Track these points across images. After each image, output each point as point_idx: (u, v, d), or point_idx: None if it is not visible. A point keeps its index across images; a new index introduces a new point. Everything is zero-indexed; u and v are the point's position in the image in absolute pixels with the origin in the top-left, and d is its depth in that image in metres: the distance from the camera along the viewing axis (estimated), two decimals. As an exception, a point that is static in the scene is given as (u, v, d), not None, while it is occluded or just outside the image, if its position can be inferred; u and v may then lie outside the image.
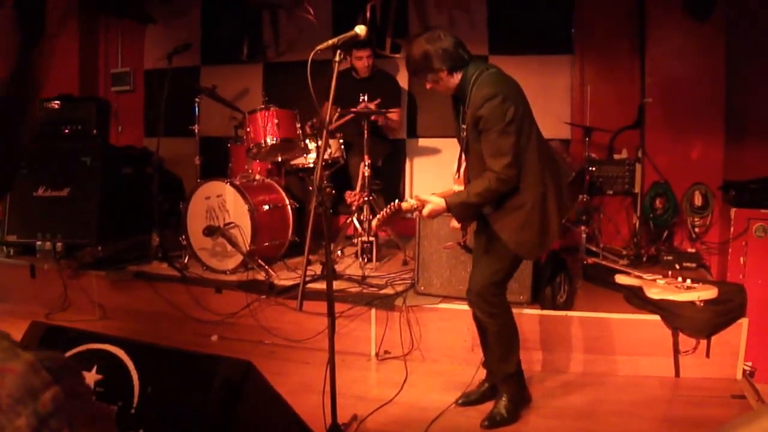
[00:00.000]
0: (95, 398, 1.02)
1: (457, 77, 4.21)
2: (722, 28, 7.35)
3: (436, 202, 4.18)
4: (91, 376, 2.18)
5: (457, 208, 4.20)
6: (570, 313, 5.49)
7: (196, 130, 7.30)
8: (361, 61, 7.62)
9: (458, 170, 4.54)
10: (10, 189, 1.08)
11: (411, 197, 4.25)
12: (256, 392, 2.14)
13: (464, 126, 4.26)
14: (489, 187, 4.07)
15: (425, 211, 4.19)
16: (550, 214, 4.29)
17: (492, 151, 4.06)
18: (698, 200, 7.37)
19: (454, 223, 4.36)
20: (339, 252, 7.16)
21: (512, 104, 4.06)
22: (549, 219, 4.29)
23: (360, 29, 3.88)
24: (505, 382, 4.59)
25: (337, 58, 3.92)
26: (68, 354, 2.26)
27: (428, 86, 4.32)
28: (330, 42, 3.87)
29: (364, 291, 6.02)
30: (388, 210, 4.15)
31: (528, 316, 5.45)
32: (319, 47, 3.81)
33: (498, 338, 4.53)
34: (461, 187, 4.44)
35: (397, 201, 4.18)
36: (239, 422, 2.00)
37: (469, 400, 4.83)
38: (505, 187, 4.11)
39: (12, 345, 0.94)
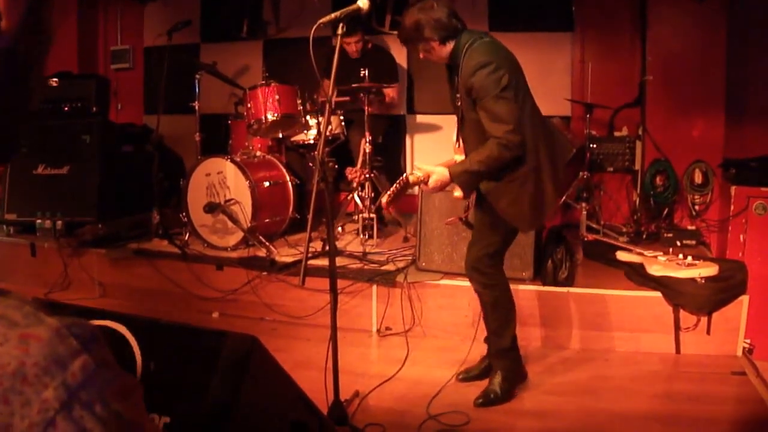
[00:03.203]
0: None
1: (450, 47, 4.18)
2: (723, 7, 7.32)
3: (440, 173, 4.12)
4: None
5: (460, 177, 4.13)
6: (571, 290, 5.50)
7: (197, 107, 7.28)
8: (350, 47, 7.53)
9: (458, 140, 4.50)
10: (17, 147, 1.05)
11: (414, 168, 4.20)
12: (261, 368, 2.13)
13: (459, 95, 4.22)
14: (491, 154, 4.01)
15: (430, 183, 4.13)
16: (545, 187, 4.27)
17: (490, 117, 4.01)
18: (698, 178, 7.36)
19: (457, 193, 4.32)
20: (340, 229, 7.15)
21: (506, 71, 4.01)
22: (544, 192, 4.28)
23: (362, 3, 3.86)
24: (499, 358, 4.60)
25: (339, 32, 3.90)
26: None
27: (421, 56, 4.30)
28: (333, 15, 3.84)
29: (366, 267, 6.02)
30: (397, 186, 4.12)
31: (529, 292, 5.46)
32: (321, 21, 3.78)
33: (493, 310, 4.54)
34: (461, 157, 4.42)
35: (405, 175, 4.14)
36: (244, 398, 1.99)
37: (469, 375, 4.83)
38: (509, 153, 4.04)
39: (35, 310, 0.90)
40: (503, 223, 4.35)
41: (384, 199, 4.24)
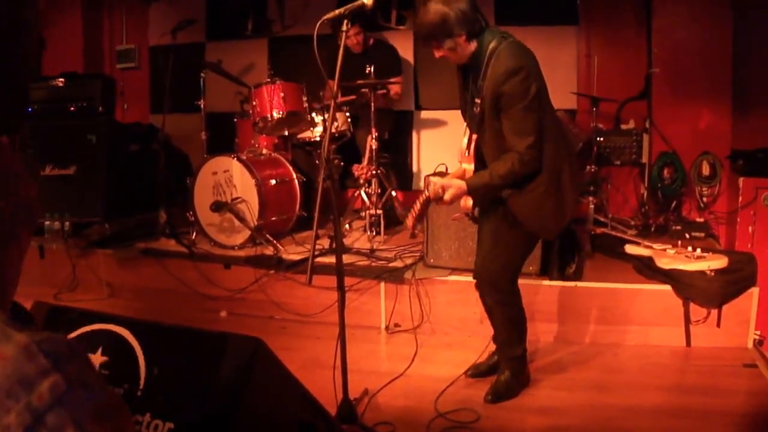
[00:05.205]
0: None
1: (473, 45, 3.97)
2: (728, -3, 7.32)
3: (457, 186, 3.98)
4: (96, 358, 2.14)
5: (479, 191, 4.03)
6: (580, 284, 5.48)
7: (202, 106, 7.28)
8: (350, 40, 7.47)
9: (468, 147, 4.30)
10: (22, 116, 1.00)
11: (429, 182, 4.08)
12: (266, 370, 2.12)
13: (478, 100, 4.04)
14: (512, 169, 3.90)
15: (447, 196, 3.99)
16: (565, 191, 4.16)
17: (515, 129, 3.89)
18: (706, 170, 7.34)
19: (467, 202, 4.24)
20: (347, 225, 7.14)
21: (535, 80, 3.89)
22: (564, 196, 4.16)
23: (367, -1, 3.82)
24: (509, 361, 4.55)
25: (344, 28, 3.87)
26: (72, 335, 2.22)
27: (438, 54, 4.05)
28: (337, 12, 3.80)
29: (373, 264, 6.02)
30: (418, 205, 4.05)
31: (537, 288, 5.44)
32: (325, 17, 3.75)
33: (507, 325, 4.47)
34: (470, 166, 4.26)
35: (425, 193, 4.04)
36: (249, 402, 1.98)
37: (478, 371, 4.80)
38: (528, 169, 3.94)
39: (4, 325, 0.84)
40: (524, 235, 4.26)
41: (409, 222, 4.17)
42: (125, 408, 0.91)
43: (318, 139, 7.14)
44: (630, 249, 5.87)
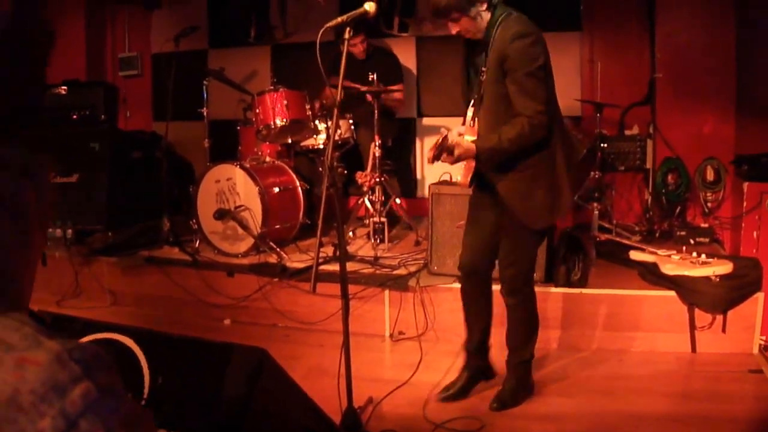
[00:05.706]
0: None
1: (489, 16, 3.95)
2: (731, 2, 7.28)
3: (467, 146, 3.93)
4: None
5: (486, 153, 3.94)
6: (585, 291, 5.47)
7: (205, 113, 7.27)
8: (356, 48, 7.45)
9: (472, 119, 4.22)
10: (38, 112, 1.00)
11: (450, 132, 4.00)
12: (271, 380, 2.10)
13: (484, 69, 3.99)
14: (522, 133, 3.83)
15: (456, 152, 3.91)
16: (560, 178, 4.10)
17: (523, 92, 3.84)
18: (710, 175, 7.33)
19: (466, 179, 4.16)
20: (350, 233, 7.12)
21: (542, 49, 3.88)
22: (559, 183, 4.11)
23: (369, 6, 3.80)
24: (516, 366, 4.52)
25: (346, 35, 3.87)
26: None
27: (455, 30, 4.02)
28: (339, 19, 3.80)
29: (377, 272, 6.01)
30: (437, 143, 3.89)
31: (543, 294, 5.39)
32: (328, 24, 3.74)
33: (523, 324, 4.44)
34: (473, 138, 4.12)
35: (445, 134, 3.92)
36: (254, 412, 1.97)
37: (449, 393, 4.64)
38: (538, 133, 3.87)
39: (35, 332, 0.85)
40: (527, 234, 4.20)
41: (428, 155, 4.08)
42: (151, 417, 0.92)
43: (321, 146, 7.12)
44: (634, 255, 5.86)
